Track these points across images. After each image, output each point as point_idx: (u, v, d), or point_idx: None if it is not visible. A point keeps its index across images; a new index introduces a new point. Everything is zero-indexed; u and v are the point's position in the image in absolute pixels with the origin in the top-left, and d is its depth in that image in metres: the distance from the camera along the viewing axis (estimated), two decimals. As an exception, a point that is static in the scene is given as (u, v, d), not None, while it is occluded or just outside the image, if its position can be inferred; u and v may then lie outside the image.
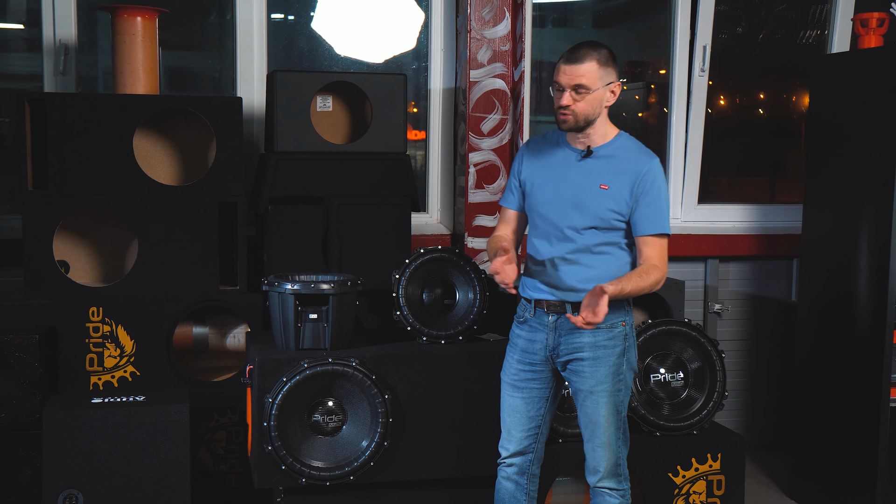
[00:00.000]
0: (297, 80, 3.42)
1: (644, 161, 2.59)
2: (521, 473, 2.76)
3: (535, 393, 2.71)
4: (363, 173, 3.47)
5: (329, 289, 2.96)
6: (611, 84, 2.58)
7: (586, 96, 2.54)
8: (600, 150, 2.61)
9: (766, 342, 4.47)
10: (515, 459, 2.76)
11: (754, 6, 4.68)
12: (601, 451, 2.64)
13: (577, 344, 2.60)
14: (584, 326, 2.45)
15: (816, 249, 3.74)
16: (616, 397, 2.62)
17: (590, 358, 2.59)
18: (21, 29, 3.99)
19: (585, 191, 2.59)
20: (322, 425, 2.95)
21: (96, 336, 3.28)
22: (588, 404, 2.63)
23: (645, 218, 2.57)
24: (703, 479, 3.27)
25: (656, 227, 2.57)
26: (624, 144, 2.63)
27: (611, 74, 2.57)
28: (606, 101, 2.59)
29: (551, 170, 2.66)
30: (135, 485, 2.95)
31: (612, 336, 2.60)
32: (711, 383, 3.32)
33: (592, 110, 2.56)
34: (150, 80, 3.40)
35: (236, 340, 3.58)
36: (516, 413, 2.72)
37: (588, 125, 2.59)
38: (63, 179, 3.24)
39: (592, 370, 2.59)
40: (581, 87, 2.53)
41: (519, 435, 2.73)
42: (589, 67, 2.53)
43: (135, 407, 2.98)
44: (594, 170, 2.60)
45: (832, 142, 3.66)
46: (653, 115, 4.64)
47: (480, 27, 3.87)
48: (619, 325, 2.61)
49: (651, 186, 2.56)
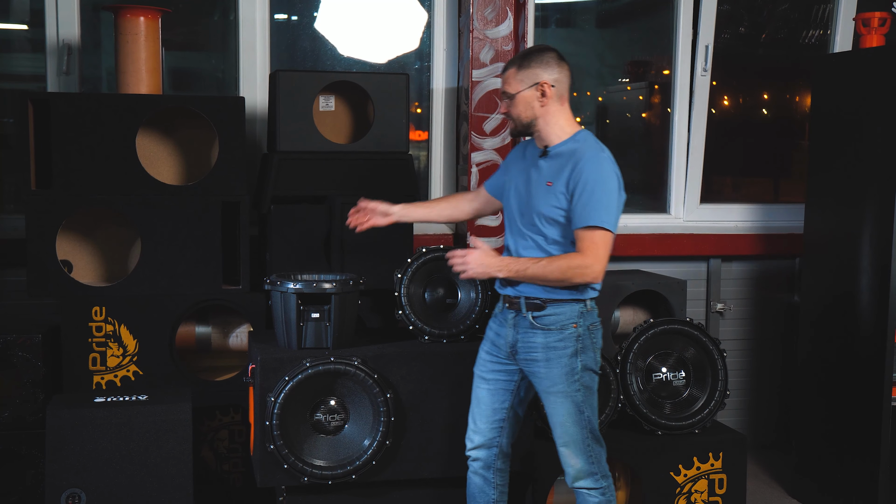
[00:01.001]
0: (299, 80, 3.42)
1: (581, 155, 2.58)
2: (486, 468, 2.81)
3: (501, 385, 2.76)
4: (366, 173, 3.48)
5: (331, 288, 2.96)
6: (536, 84, 2.61)
7: (513, 101, 2.64)
8: (554, 150, 2.65)
9: (768, 342, 4.47)
10: (480, 453, 2.80)
11: (757, 6, 4.68)
12: (565, 450, 2.67)
13: (531, 344, 2.65)
14: (457, 267, 2.55)
15: (819, 249, 3.74)
16: (574, 398, 2.62)
17: (543, 359, 2.63)
18: (25, 29, 4.00)
19: (536, 189, 2.65)
20: (324, 424, 2.95)
21: (99, 335, 3.29)
22: (548, 405, 2.67)
23: (576, 212, 2.56)
24: (705, 478, 3.28)
25: (585, 220, 2.53)
26: (578, 140, 2.64)
27: (535, 75, 2.61)
28: (539, 102, 2.62)
29: (519, 170, 2.75)
30: (137, 484, 2.96)
31: (563, 338, 2.62)
32: (713, 382, 3.32)
33: (524, 112, 2.63)
34: (154, 80, 3.41)
35: (239, 340, 3.58)
36: (481, 404, 2.78)
37: (528, 127, 2.66)
38: (66, 179, 3.25)
39: (546, 371, 2.63)
40: (505, 94, 2.66)
41: (484, 426, 2.78)
42: (508, 74, 2.65)
43: (138, 406, 2.99)
44: (546, 169, 2.65)
45: (834, 141, 3.66)
46: (655, 115, 4.64)
47: (483, 27, 3.88)
48: (571, 327, 2.62)
49: (583, 180, 2.54)
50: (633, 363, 3.28)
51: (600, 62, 4.72)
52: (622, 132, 4.79)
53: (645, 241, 4.22)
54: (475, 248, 2.61)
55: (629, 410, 3.26)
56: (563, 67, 2.65)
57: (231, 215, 3.41)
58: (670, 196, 4.41)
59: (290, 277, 3.04)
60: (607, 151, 2.63)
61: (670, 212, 4.42)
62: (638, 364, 3.30)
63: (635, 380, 3.28)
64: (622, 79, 4.75)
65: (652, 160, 4.62)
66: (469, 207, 3.00)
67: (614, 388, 3.23)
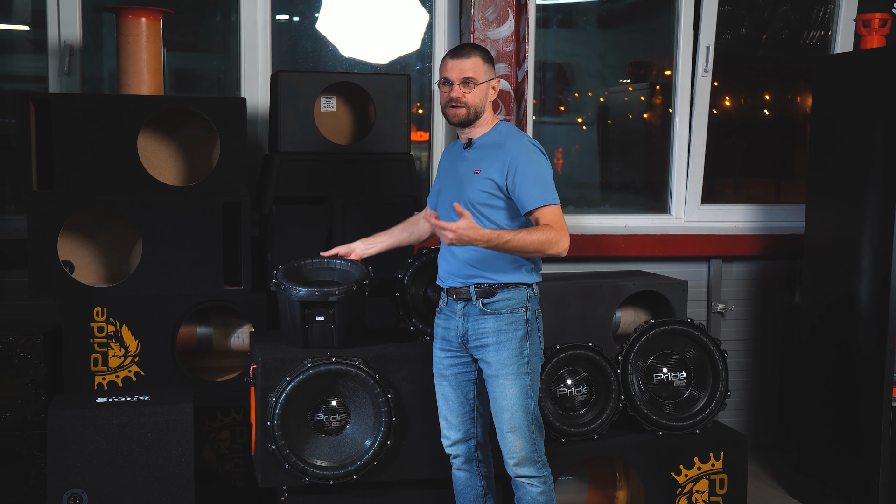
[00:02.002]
0: (301, 81, 3.43)
1: (510, 141, 2.69)
2: (468, 461, 2.86)
3: (462, 378, 2.81)
4: (367, 173, 3.48)
5: (335, 297, 2.93)
6: (492, 80, 2.74)
7: (475, 88, 2.69)
8: (479, 140, 2.75)
9: (768, 342, 4.47)
10: (459, 448, 2.85)
11: (758, 7, 4.68)
12: (511, 435, 2.70)
13: (481, 330, 2.70)
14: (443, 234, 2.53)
15: (820, 249, 3.74)
16: (522, 381, 2.68)
17: (493, 343, 2.69)
18: (26, 30, 4.01)
19: (465, 178, 2.74)
20: (325, 424, 2.95)
21: (101, 336, 3.30)
22: (495, 388, 2.70)
23: (524, 194, 2.64)
24: (706, 478, 3.28)
25: (539, 200, 2.63)
26: (500, 130, 2.75)
27: (491, 72, 2.75)
28: (489, 97, 2.74)
29: (448, 166, 2.85)
30: (139, 484, 2.97)
31: (513, 321, 2.68)
32: (714, 383, 3.32)
33: (480, 103, 2.71)
34: (155, 81, 3.42)
35: (240, 340, 3.59)
36: (448, 400, 2.83)
37: (476, 118, 2.73)
38: (68, 180, 3.25)
39: (497, 354, 2.68)
40: (470, 80, 2.69)
41: (456, 421, 2.83)
42: (475, 62, 2.70)
43: (139, 406, 3.00)
44: (473, 159, 2.74)
45: (835, 142, 3.66)
46: (657, 115, 4.64)
47: (484, 28, 3.88)
48: (520, 311, 2.69)
49: (518, 164, 2.64)
50: (633, 363, 3.28)
51: (601, 63, 4.72)
52: (623, 133, 4.79)
53: (646, 242, 4.23)
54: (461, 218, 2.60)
55: (630, 411, 3.26)
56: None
57: (232, 216, 3.42)
58: (671, 197, 4.41)
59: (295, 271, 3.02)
60: (526, 135, 2.76)
61: (671, 212, 4.43)
62: (639, 364, 3.30)
63: (636, 380, 3.28)
64: (623, 80, 4.75)
65: (653, 161, 4.62)
66: (426, 226, 3.03)
67: (615, 389, 3.23)
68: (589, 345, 3.24)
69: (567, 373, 3.24)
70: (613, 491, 3.38)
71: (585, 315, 3.54)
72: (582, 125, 4.67)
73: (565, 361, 3.23)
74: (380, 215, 3.40)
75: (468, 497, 2.88)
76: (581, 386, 3.24)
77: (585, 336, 3.46)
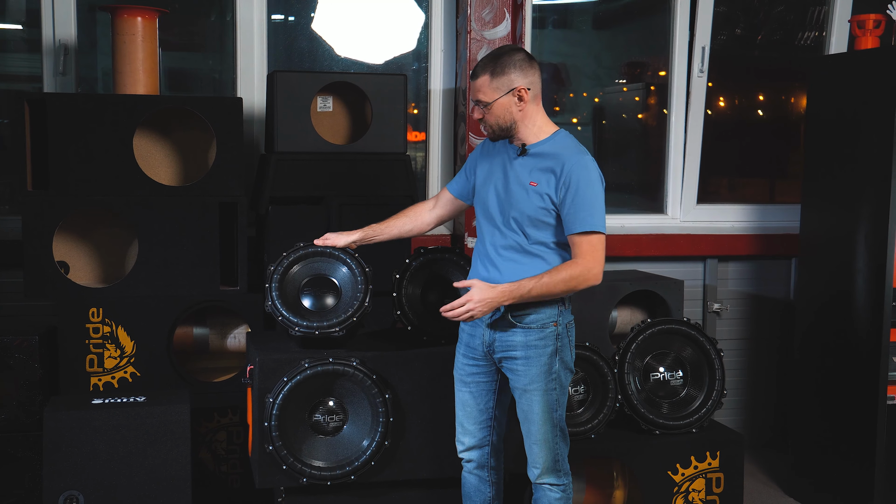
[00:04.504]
0: (297, 81, 3.42)
1: (569, 157, 2.56)
2: (480, 467, 2.82)
3: (482, 387, 2.76)
4: (363, 174, 3.48)
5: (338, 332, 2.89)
6: (514, 89, 2.57)
7: (490, 108, 2.59)
8: (534, 148, 2.62)
9: (764, 341, 4.48)
10: (473, 454, 2.81)
11: (753, 8, 4.70)
12: (537, 447, 2.67)
13: (510, 342, 2.64)
14: (460, 317, 2.51)
15: (815, 249, 3.75)
16: (549, 396, 2.64)
17: (522, 357, 2.63)
18: (20, 29, 3.99)
19: (517, 187, 2.61)
20: (323, 425, 2.95)
21: (96, 337, 3.28)
22: (523, 402, 2.67)
23: (570, 216, 2.54)
24: (703, 476, 3.28)
25: (582, 226, 2.53)
26: (558, 141, 2.62)
27: (510, 81, 2.57)
28: (517, 107, 2.59)
29: (493, 167, 2.70)
30: (136, 485, 2.96)
31: (544, 336, 2.62)
32: (710, 382, 3.33)
33: (503, 118, 2.60)
34: (151, 81, 3.41)
35: (237, 341, 3.58)
36: (466, 407, 2.79)
37: (507, 131, 2.62)
38: (63, 180, 3.24)
39: (525, 369, 2.63)
40: (479, 102, 2.60)
41: (472, 428, 2.79)
42: (481, 82, 2.58)
43: (136, 408, 2.99)
44: (526, 167, 2.61)
45: (831, 142, 3.68)
46: (652, 116, 4.65)
47: (480, 28, 3.88)
48: (551, 325, 2.63)
49: (574, 183, 2.53)
50: (630, 363, 3.28)
51: (597, 63, 4.73)
52: (618, 133, 4.80)
53: (642, 242, 4.23)
54: (470, 288, 2.55)
55: (627, 410, 3.26)
56: (535, 67, 2.62)
57: (228, 216, 3.41)
58: (667, 196, 4.42)
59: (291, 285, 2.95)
60: (588, 153, 2.62)
61: (667, 212, 4.43)
62: (636, 364, 3.31)
63: (633, 379, 3.28)
64: (618, 80, 4.76)
65: (648, 161, 4.63)
66: (430, 217, 2.93)
67: (612, 388, 3.24)
68: (586, 344, 3.25)
69: (564, 372, 3.24)
70: (611, 490, 3.39)
71: (582, 315, 3.51)
72: (577, 125, 4.67)
73: (562, 361, 3.22)
74: (377, 215, 3.35)
75: (476, 501, 2.86)
76: (578, 385, 3.25)
77: (582, 336, 3.45)
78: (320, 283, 2.96)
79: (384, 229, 2.94)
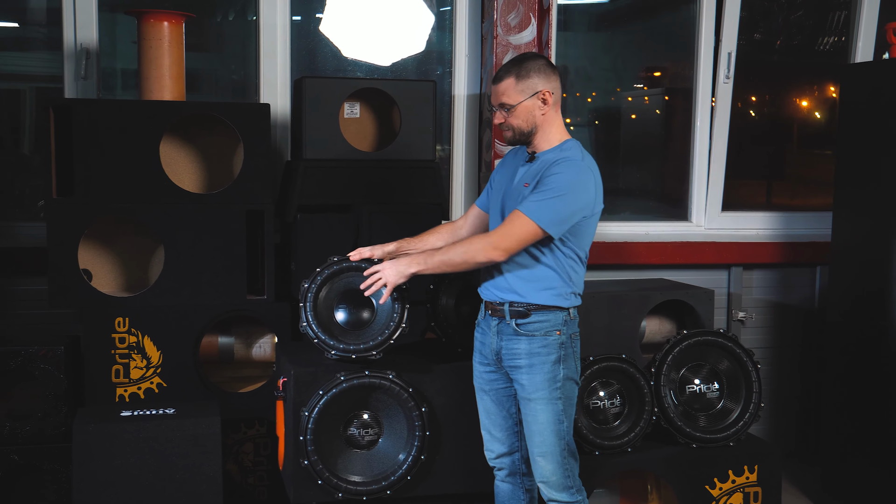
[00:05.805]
0: (325, 87, 3.37)
1: (555, 159, 2.56)
2: (512, 474, 2.80)
3: (502, 393, 2.74)
4: (393, 181, 3.42)
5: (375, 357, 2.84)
6: (538, 93, 2.58)
7: (514, 111, 2.59)
8: (542, 156, 2.63)
9: (788, 350, 4.44)
10: (504, 461, 2.79)
11: (772, 12, 4.66)
12: (542, 459, 2.64)
13: (514, 350, 2.63)
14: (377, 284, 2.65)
15: (846, 257, 3.71)
16: (555, 406, 2.61)
17: (526, 366, 2.62)
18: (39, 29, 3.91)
19: (514, 189, 2.65)
20: (357, 439, 2.89)
21: (122, 347, 3.22)
22: (527, 411, 2.65)
23: (527, 196, 2.54)
24: (740, 491, 3.24)
25: (524, 206, 2.51)
26: (565, 149, 2.61)
27: (535, 84, 2.58)
28: (540, 110, 2.59)
29: (505, 176, 2.73)
30: (166, 499, 2.90)
31: (547, 344, 2.60)
32: (747, 394, 3.28)
33: (525, 122, 2.60)
34: (177, 86, 3.34)
35: (262, 350, 3.52)
36: (491, 414, 2.77)
37: (529, 136, 2.62)
38: (88, 187, 3.18)
39: (529, 377, 2.62)
40: (504, 105, 2.60)
41: (500, 435, 2.77)
42: (506, 85, 2.59)
43: (166, 420, 2.93)
44: (530, 172, 2.63)
45: (864, 150, 3.64)
46: (671, 121, 4.61)
47: (506, 33, 3.83)
48: (555, 334, 2.61)
49: (548, 174, 2.53)
50: (666, 375, 3.24)
51: (616, 67, 4.68)
52: (636, 138, 4.75)
53: (666, 249, 4.19)
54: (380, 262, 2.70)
55: (664, 423, 3.22)
56: (556, 73, 2.64)
57: (254, 224, 3.35)
58: (692, 204, 4.38)
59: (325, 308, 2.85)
60: (590, 160, 2.60)
61: (691, 220, 4.39)
62: (671, 376, 3.26)
63: (669, 392, 3.24)
64: (637, 84, 4.72)
65: (669, 167, 4.59)
66: (464, 233, 2.89)
67: (648, 401, 3.19)
68: (622, 356, 3.20)
69: (599, 384, 3.20)
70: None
71: (612, 325, 3.49)
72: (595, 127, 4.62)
73: (598, 373, 3.18)
74: (406, 223, 3.34)
75: None
76: (614, 398, 3.20)
77: (612, 346, 3.41)
78: (355, 297, 2.89)
79: (418, 244, 2.88)
